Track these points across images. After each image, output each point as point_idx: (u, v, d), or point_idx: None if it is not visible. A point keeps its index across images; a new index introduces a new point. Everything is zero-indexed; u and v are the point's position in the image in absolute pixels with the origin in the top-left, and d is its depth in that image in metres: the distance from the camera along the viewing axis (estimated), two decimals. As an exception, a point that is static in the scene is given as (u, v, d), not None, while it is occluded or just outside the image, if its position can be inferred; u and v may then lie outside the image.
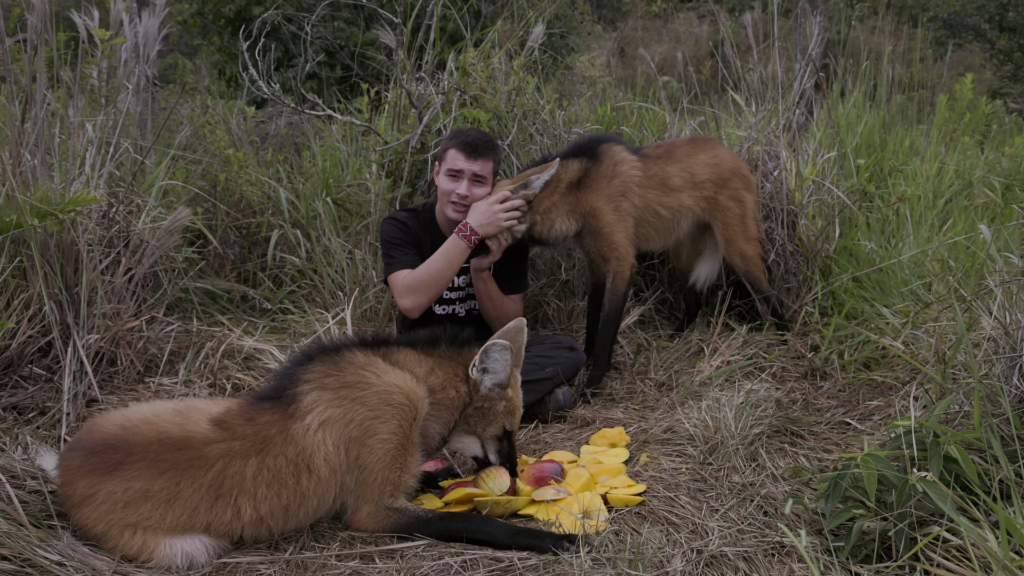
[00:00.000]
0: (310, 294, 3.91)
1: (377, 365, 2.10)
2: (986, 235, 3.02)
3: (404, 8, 3.76)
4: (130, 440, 1.94)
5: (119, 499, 1.90)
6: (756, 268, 3.47)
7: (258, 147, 4.97)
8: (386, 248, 3.00)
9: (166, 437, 1.95)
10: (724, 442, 2.43)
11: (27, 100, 2.87)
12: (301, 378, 2.06)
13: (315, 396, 2.03)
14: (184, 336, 3.32)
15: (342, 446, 2.02)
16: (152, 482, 1.91)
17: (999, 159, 5.51)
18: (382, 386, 2.06)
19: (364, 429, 2.03)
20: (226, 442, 1.96)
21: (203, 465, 1.93)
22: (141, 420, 1.99)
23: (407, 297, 2.86)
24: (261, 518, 1.96)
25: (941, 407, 2.08)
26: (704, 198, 3.39)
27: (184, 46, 10.20)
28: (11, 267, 2.77)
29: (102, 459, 1.92)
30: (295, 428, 1.99)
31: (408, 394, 2.09)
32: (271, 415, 2.01)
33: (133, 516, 1.90)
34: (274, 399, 2.06)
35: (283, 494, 1.96)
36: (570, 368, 3.02)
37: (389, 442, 2.04)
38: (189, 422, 1.99)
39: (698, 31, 14.07)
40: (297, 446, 1.98)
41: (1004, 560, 1.55)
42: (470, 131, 3.03)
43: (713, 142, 3.58)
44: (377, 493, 2.04)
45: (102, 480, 1.90)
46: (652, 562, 1.85)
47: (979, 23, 9.14)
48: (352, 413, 2.03)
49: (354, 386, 2.05)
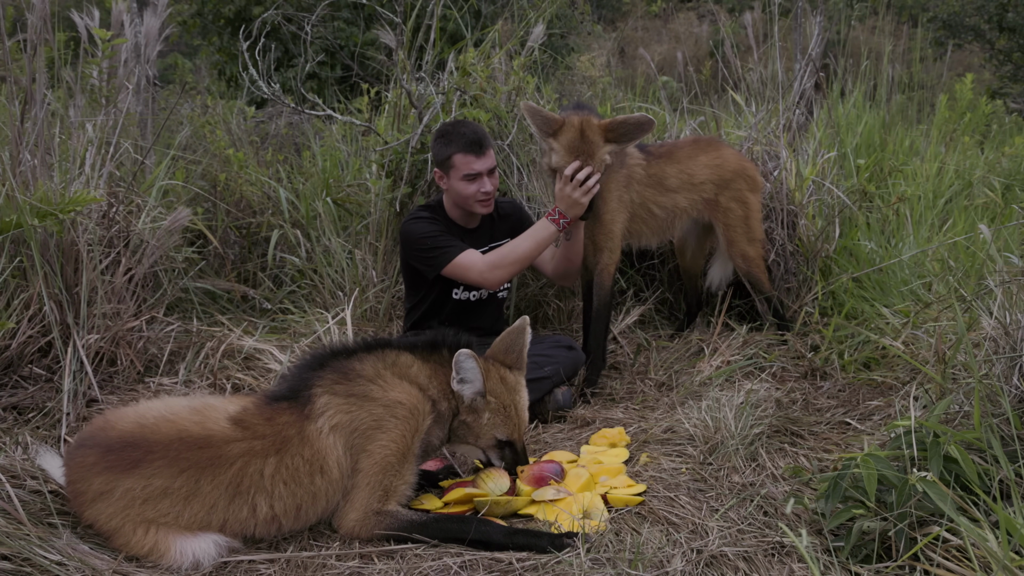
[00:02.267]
0: (310, 294, 3.91)
1: (385, 378, 2.13)
2: (986, 235, 3.02)
3: (404, 8, 3.75)
4: (149, 438, 1.95)
5: (137, 496, 1.91)
6: (758, 269, 3.47)
7: (258, 147, 4.97)
8: (431, 242, 2.98)
9: (187, 435, 1.97)
10: (724, 442, 2.43)
11: (27, 100, 2.87)
12: (314, 382, 2.09)
13: (326, 400, 2.06)
14: (184, 336, 3.32)
15: (348, 452, 2.05)
16: (172, 480, 1.92)
17: (999, 159, 5.51)
18: (387, 400, 2.09)
19: (367, 437, 2.06)
20: (247, 441, 1.98)
21: (224, 463, 1.95)
22: (159, 418, 2.01)
23: (492, 273, 2.90)
24: (275, 516, 1.98)
25: (941, 407, 2.08)
26: (703, 199, 3.39)
27: (184, 46, 10.21)
28: (11, 267, 2.77)
29: (120, 456, 1.93)
30: (310, 429, 2.03)
31: (412, 408, 2.11)
32: (289, 416, 2.05)
33: (151, 512, 1.91)
34: (289, 399, 2.08)
35: (298, 493, 1.99)
36: (569, 367, 3.02)
37: (387, 449, 2.06)
38: (208, 420, 2.01)
39: (698, 31, 14.08)
40: (313, 447, 2.01)
41: (1004, 560, 1.55)
42: (462, 128, 2.99)
43: (717, 143, 3.57)
44: (368, 497, 2.04)
45: (120, 477, 1.92)
46: (652, 562, 1.85)
47: (979, 23, 9.14)
48: (357, 422, 2.06)
49: (361, 396, 2.08)
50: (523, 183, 3.72)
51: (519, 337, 2.32)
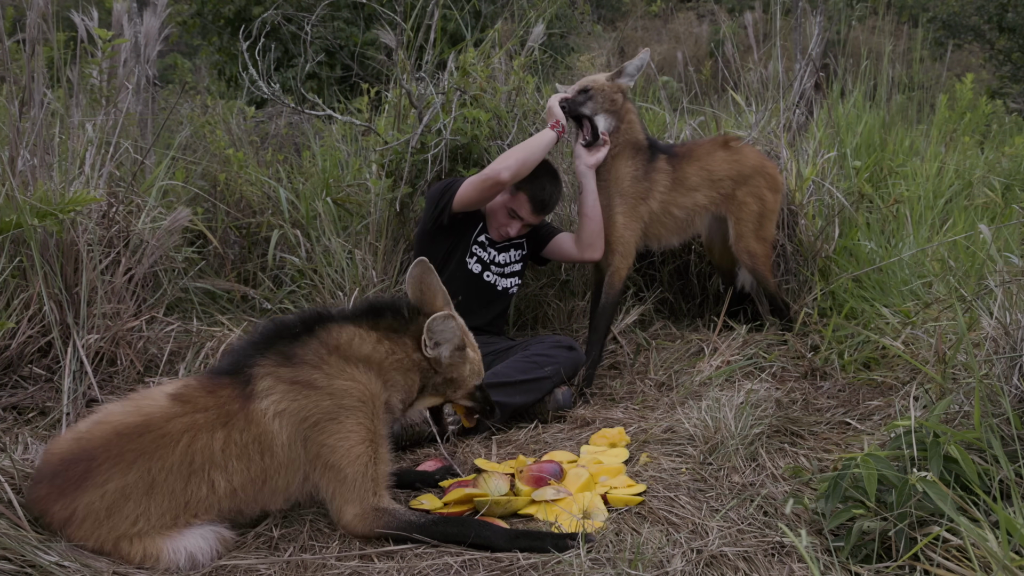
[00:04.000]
0: (310, 294, 3.91)
1: (330, 364, 2.04)
2: (986, 235, 3.02)
3: (404, 8, 3.75)
4: (87, 447, 1.89)
5: (99, 508, 1.84)
6: (763, 267, 3.48)
7: (258, 147, 4.97)
8: (448, 184, 3.11)
9: (123, 428, 1.91)
10: (724, 442, 2.43)
11: (26, 99, 2.87)
12: (256, 360, 2.02)
13: (270, 383, 1.99)
14: (184, 336, 3.32)
15: (299, 440, 1.99)
16: (124, 477, 1.85)
17: (999, 159, 5.51)
18: (332, 389, 2.01)
19: (321, 429, 1.99)
20: (189, 415, 1.92)
21: (169, 443, 1.89)
22: (92, 424, 1.95)
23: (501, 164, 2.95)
24: (235, 490, 1.94)
25: (941, 407, 2.08)
26: (721, 195, 3.43)
27: (184, 46, 10.21)
28: (11, 267, 2.77)
29: (67, 477, 1.86)
30: (254, 408, 1.96)
31: (361, 394, 2.04)
32: (231, 390, 1.98)
33: (121, 523, 1.85)
34: (232, 375, 2.02)
35: (252, 468, 1.95)
36: (570, 367, 3.03)
37: (350, 440, 2.00)
38: (145, 406, 1.96)
39: (698, 31, 14.07)
40: (258, 427, 1.95)
41: (1004, 560, 1.55)
42: (548, 183, 3.11)
43: (735, 140, 3.61)
44: (358, 492, 2.00)
45: (74, 496, 1.85)
46: (652, 562, 1.85)
47: (979, 23, 9.14)
48: (305, 411, 1.99)
49: (306, 384, 2.00)
50: (523, 183, 3.72)
51: (428, 275, 2.24)
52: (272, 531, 2.07)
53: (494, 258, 3.25)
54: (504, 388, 2.82)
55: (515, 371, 2.89)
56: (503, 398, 2.79)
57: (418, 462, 2.57)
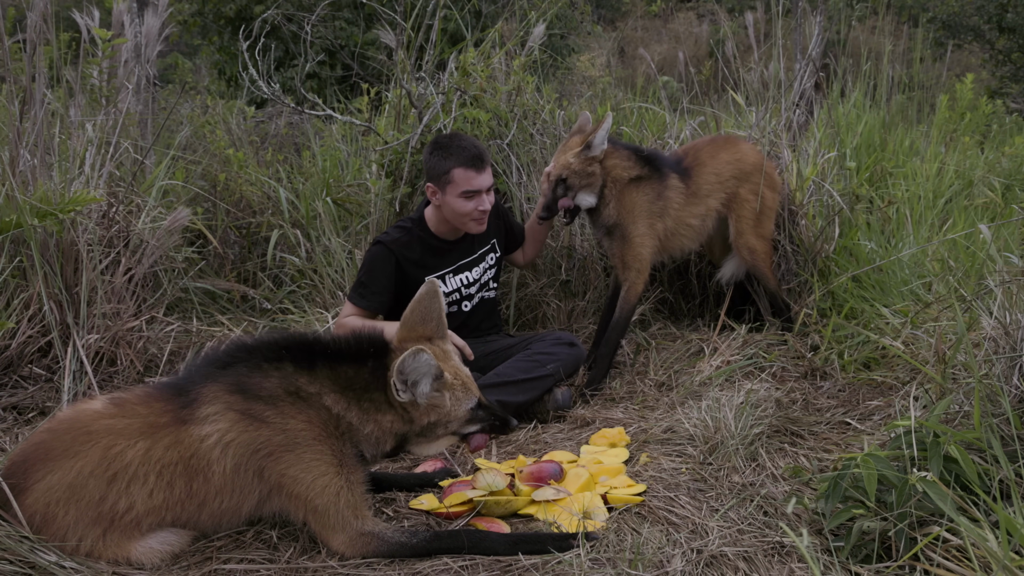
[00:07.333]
0: (310, 294, 3.91)
1: (283, 406, 1.91)
2: (986, 235, 3.02)
3: (404, 8, 3.75)
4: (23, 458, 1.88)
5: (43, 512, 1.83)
6: (763, 264, 3.50)
7: (258, 147, 4.97)
8: (365, 275, 2.95)
9: (56, 426, 1.89)
10: (724, 442, 2.43)
11: (26, 99, 2.87)
12: (207, 384, 1.92)
13: (216, 409, 1.89)
14: (184, 336, 3.32)
15: (249, 470, 1.89)
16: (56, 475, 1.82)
17: (999, 159, 5.50)
18: (285, 427, 1.90)
19: (276, 459, 1.89)
20: (115, 418, 1.88)
21: (89, 440, 1.85)
22: (33, 434, 1.94)
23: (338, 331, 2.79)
24: (158, 508, 1.86)
25: (941, 407, 2.08)
26: (728, 194, 3.47)
27: (184, 46, 10.21)
28: (11, 267, 2.77)
29: (12, 485, 1.84)
30: (188, 431, 1.87)
31: (316, 435, 1.92)
32: (166, 404, 1.91)
33: (68, 532, 1.83)
34: (176, 390, 1.95)
35: (175, 490, 1.87)
36: (570, 365, 3.03)
37: (313, 471, 1.90)
38: (82, 405, 1.94)
39: (698, 31, 14.07)
40: (188, 450, 1.86)
41: (1004, 560, 1.55)
42: (461, 141, 2.89)
43: (735, 139, 3.65)
44: (338, 520, 1.92)
45: (20, 500, 1.82)
46: (652, 562, 1.85)
47: (978, 24, 9.14)
48: (256, 443, 1.89)
49: (259, 419, 1.89)
50: (523, 183, 3.72)
51: (433, 302, 2.09)
52: (272, 531, 2.07)
53: (467, 280, 3.12)
54: (506, 387, 2.83)
55: (517, 370, 2.90)
56: (506, 397, 2.80)
57: (417, 462, 2.57)
